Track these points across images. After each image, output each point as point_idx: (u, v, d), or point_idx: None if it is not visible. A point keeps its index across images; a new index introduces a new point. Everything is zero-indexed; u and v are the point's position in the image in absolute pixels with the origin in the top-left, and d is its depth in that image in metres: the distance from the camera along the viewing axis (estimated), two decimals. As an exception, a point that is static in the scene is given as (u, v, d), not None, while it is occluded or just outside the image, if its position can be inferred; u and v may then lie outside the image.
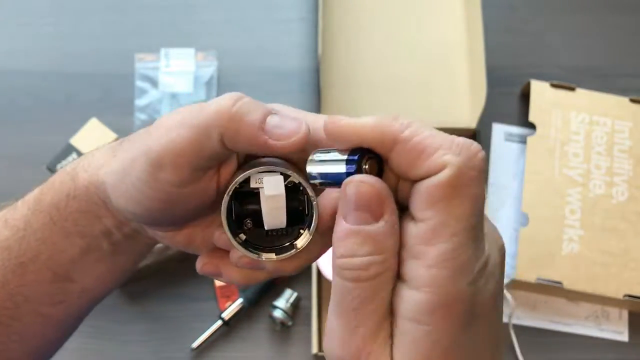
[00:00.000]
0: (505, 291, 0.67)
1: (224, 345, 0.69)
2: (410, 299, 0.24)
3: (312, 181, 0.28)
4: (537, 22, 0.86)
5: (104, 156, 0.34)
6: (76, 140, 0.73)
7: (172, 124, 0.29)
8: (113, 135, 0.73)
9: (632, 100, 0.77)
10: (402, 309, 0.24)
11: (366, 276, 0.24)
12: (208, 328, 0.69)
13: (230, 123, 0.28)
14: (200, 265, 0.33)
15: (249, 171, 0.29)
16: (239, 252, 0.30)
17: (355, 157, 0.25)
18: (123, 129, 0.76)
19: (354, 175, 0.25)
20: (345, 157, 0.26)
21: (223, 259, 0.32)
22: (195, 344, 0.68)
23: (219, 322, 0.68)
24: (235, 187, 0.29)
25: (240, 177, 0.29)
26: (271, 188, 0.28)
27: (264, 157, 0.30)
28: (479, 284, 0.24)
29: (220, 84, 0.80)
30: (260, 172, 0.29)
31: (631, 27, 0.86)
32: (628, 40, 0.85)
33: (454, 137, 0.24)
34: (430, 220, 0.23)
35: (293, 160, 0.30)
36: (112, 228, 0.35)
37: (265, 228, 0.30)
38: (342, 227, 0.24)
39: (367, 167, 0.26)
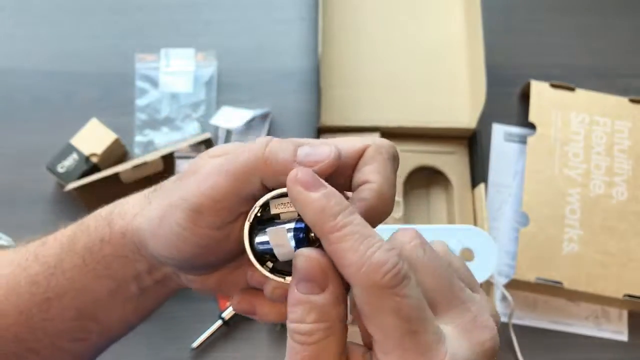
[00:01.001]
0: (505, 291, 0.67)
1: (224, 345, 0.69)
2: None
3: (262, 250, 0.30)
4: (537, 22, 0.86)
5: (138, 203, 0.35)
6: (76, 140, 0.73)
7: (209, 171, 0.31)
8: (113, 136, 0.73)
9: (632, 101, 0.77)
10: None
11: (310, 341, 0.26)
12: (208, 328, 0.69)
13: (267, 165, 0.29)
14: (235, 302, 0.34)
15: (264, 197, 0.30)
16: (272, 283, 0.31)
17: (302, 226, 0.28)
18: (123, 129, 0.76)
19: (303, 249, 0.28)
20: (293, 225, 0.29)
21: (257, 297, 0.33)
22: (195, 344, 0.68)
23: (219, 322, 0.69)
24: (257, 215, 0.30)
25: (258, 204, 0.30)
26: (274, 239, 0.29)
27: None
28: None
29: (220, 84, 0.80)
30: (274, 197, 0.30)
31: (631, 27, 0.86)
32: (628, 40, 0.85)
33: (369, 255, 0.26)
34: (375, 337, 0.26)
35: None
36: (144, 273, 0.35)
37: (279, 260, 0.30)
38: (293, 294, 0.27)
39: (313, 234, 0.28)
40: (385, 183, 0.30)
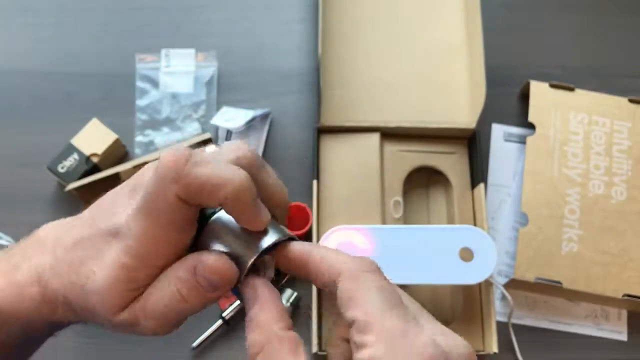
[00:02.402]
0: (504, 290, 0.67)
1: (225, 344, 0.70)
2: None
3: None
4: (536, 22, 0.86)
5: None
6: (77, 140, 0.73)
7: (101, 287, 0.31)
8: (114, 136, 0.73)
9: (631, 101, 0.77)
10: None
11: None
12: (209, 327, 0.69)
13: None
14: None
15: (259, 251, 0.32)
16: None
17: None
18: (124, 129, 0.76)
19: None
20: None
21: None
22: (195, 344, 0.68)
23: (220, 322, 0.69)
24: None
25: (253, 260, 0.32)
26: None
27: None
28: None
29: (220, 84, 0.81)
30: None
31: (630, 27, 0.86)
32: (627, 40, 0.86)
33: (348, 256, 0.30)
34: (356, 317, 0.27)
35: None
36: None
37: None
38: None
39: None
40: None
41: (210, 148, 0.32)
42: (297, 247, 0.31)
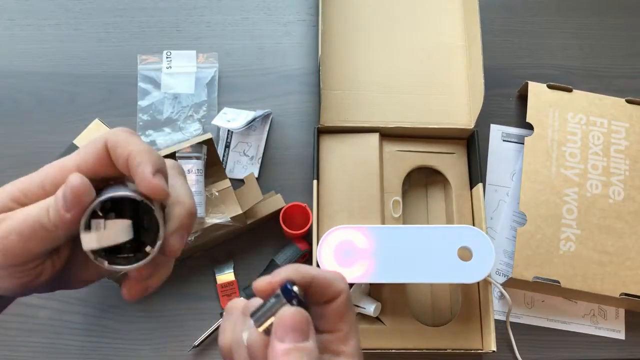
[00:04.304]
0: (503, 289, 0.68)
1: (226, 343, 0.70)
2: None
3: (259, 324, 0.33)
4: (534, 23, 0.87)
5: None
6: (79, 141, 0.74)
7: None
8: (116, 136, 0.74)
9: (628, 101, 0.78)
10: None
11: None
12: (210, 326, 0.69)
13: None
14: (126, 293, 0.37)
15: (93, 205, 0.32)
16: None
17: (290, 286, 0.33)
18: (125, 130, 0.77)
19: (287, 307, 0.32)
20: (280, 299, 0.33)
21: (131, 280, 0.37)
22: (196, 342, 0.69)
23: (221, 320, 0.69)
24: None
25: (86, 214, 0.32)
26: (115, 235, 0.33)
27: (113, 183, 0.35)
28: None
29: (221, 85, 0.81)
30: (104, 200, 0.32)
31: (627, 28, 0.87)
32: (624, 41, 0.86)
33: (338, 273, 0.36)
34: (343, 328, 0.35)
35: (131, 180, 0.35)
36: None
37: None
38: (281, 347, 0.32)
39: (299, 291, 0.33)
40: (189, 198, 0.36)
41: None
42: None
